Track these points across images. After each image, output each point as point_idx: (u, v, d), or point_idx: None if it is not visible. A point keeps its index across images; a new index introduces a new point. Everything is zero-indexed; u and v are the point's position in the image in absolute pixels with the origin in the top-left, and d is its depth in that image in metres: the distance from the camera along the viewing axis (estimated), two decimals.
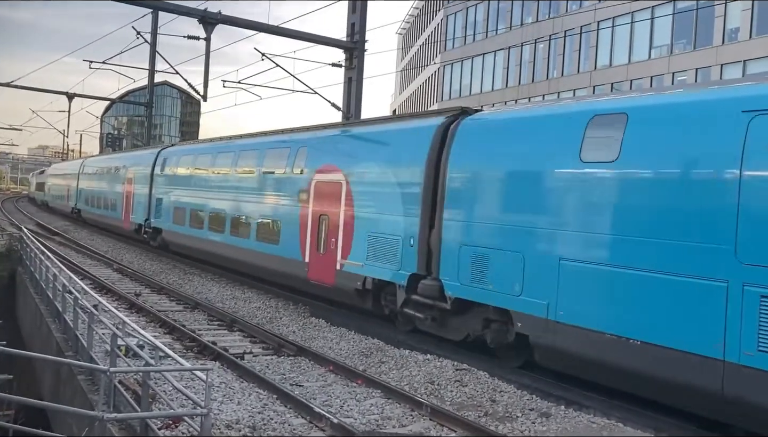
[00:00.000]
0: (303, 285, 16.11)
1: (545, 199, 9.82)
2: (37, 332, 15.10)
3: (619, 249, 8.68)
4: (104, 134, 76.81)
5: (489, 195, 11.02)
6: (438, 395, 9.63)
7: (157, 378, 8.43)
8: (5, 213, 48.15)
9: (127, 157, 34.20)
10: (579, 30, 41.98)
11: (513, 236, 10.24)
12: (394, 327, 13.53)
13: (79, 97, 43.41)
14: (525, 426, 8.42)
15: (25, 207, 63.84)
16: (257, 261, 18.06)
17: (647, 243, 8.35)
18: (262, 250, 17.67)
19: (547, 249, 9.61)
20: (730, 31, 33.62)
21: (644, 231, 8.42)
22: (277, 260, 16.85)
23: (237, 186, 20.00)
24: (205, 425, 6.47)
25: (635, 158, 8.72)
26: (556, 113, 10.56)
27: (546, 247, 9.64)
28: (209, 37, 19.56)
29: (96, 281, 18.53)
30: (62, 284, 12.74)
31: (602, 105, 9.71)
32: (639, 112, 9.00)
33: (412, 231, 12.31)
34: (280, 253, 16.70)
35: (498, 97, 49.00)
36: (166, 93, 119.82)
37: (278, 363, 11.26)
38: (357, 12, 20.61)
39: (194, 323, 14.25)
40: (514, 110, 12.97)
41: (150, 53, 39.89)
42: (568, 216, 9.45)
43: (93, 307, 9.92)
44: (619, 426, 8.26)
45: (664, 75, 36.02)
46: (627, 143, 8.80)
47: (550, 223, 9.65)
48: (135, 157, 32.29)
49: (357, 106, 20.71)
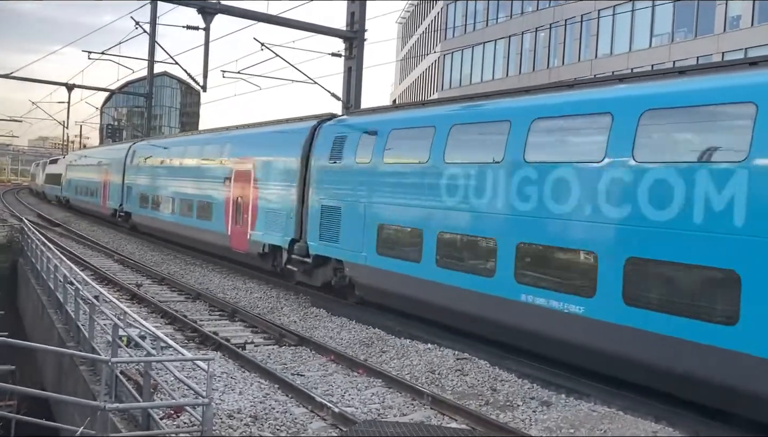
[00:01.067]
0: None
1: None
2: (38, 323, 15.13)
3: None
4: (104, 125, 76.67)
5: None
6: (439, 384, 9.65)
7: (159, 369, 8.46)
8: (6, 204, 48.15)
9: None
10: (580, 18, 41.80)
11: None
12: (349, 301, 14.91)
13: (78, 87, 43.28)
14: (526, 415, 8.45)
15: (26, 198, 63.85)
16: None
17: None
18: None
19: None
20: (732, 18, 33.46)
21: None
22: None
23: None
24: (206, 414, 6.49)
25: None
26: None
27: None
28: (208, 27, 19.47)
29: (97, 272, 18.56)
30: (63, 275, 12.76)
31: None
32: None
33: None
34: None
35: (499, 86, 48.86)
36: (166, 83, 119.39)
37: (279, 353, 11.29)
38: (356, 1, 20.52)
39: (195, 313, 14.28)
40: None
41: (149, 43, 39.74)
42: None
43: (94, 298, 9.93)
44: (619, 414, 8.28)
45: (665, 63, 35.88)
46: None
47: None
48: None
49: (357, 95, 20.64)
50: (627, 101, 9.10)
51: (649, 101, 8.78)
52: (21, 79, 39.68)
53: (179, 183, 24.90)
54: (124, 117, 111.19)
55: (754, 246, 7.37)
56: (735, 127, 8.04)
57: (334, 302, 15.24)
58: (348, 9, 20.81)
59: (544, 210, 9.75)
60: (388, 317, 13.58)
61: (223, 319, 14.00)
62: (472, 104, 12.36)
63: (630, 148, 8.71)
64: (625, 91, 9.47)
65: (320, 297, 15.74)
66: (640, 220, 8.46)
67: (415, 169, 12.56)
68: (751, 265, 7.40)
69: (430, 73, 61.42)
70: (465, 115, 12.01)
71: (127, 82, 69.52)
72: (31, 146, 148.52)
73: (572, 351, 9.40)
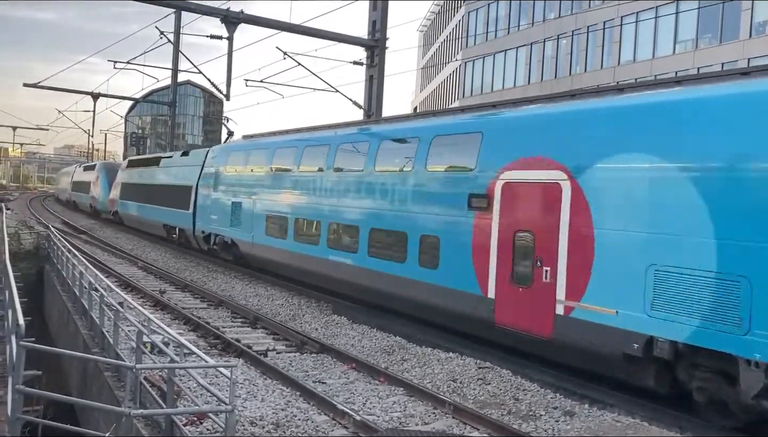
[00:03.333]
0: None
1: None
2: (64, 329, 15.32)
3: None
4: (128, 134, 77.58)
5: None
6: (461, 393, 9.61)
7: (182, 375, 8.51)
8: (33, 211, 48.89)
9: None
10: (602, 25, 41.55)
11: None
12: (415, 326, 13.64)
13: (103, 96, 43.95)
14: (549, 425, 8.37)
15: (52, 206, 64.75)
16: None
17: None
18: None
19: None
20: (758, 24, 33.06)
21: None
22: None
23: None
24: (229, 421, 6.52)
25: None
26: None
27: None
28: (231, 36, 19.69)
29: (121, 279, 18.77)
30: (88, 282, 12.91)
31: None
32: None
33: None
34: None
35: (520, 93, 48.64)
36: (189, 92, 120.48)
37: (301, 360, 11.31)
38: (378, 10, 20.61)
39: (218, 320, 14.37)
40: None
41: (173, 53, 40.23)
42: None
43: (118, 305, 10.04)
44: (644, 425, 8.17)
45: (689, 70, 35.52)
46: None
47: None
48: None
49: (378, 103, 20.72)
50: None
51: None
52: (48, 88, 40.41)
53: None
54: (148, 125, 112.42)
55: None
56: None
57: (355, 310, 15.26)
58: (369, 17, 20.90)
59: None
60: (409, 325, 13.56)
61: (246, 326, 14.07)
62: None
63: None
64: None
65: (341, 305, 15.77)
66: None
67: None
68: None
69: (451, 81, 61.40)
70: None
71: (151, 91, 70.26)
72: (57, 154, 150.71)
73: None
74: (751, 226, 7.57)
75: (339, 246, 15.58)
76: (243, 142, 23.65)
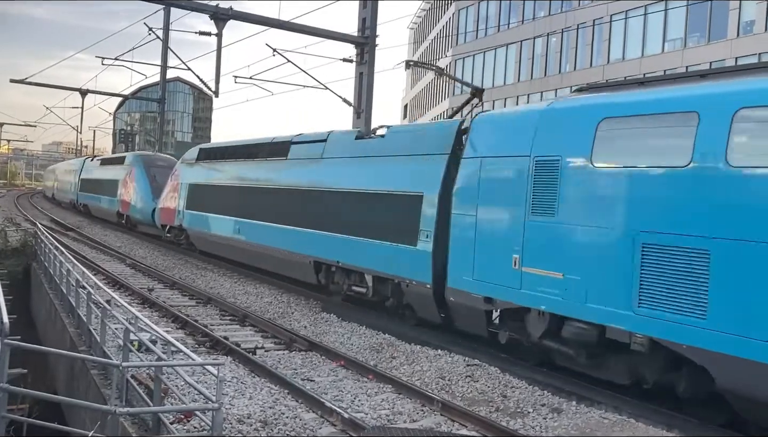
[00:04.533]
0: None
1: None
2: (51, 327, 15.23)
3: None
4: (117, 130, 77.24)
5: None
6: (449, 390, 9.62)
7: (169, 373, 8.48)
8: (20, 209, 48.54)
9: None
10: (592, 23, 41.68)
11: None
12: (401, 321, 13.61)
13: (92, 93, 43.59)
14: (536, 422, 8.40)
15: (39, 203, 64.31)
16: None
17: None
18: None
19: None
20: (745, 23, 33.25)
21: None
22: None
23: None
24: (216, 419, 6.50)
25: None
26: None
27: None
28: (221, 32, 19.59)
29: (109, 276, 18.66)
30: (75, 279, 12.84)
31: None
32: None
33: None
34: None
35: (510, 91, 48.78)
36: (179, 89, 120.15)
37: (290, 358, 11.29)
38: (368, 7, 20.57)
39: (206, 318, 14.32)
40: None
41: (162, 49, 40.02)
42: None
43: (106, 302, 9.98)
44: (630, 422, 8.21)
45: (678, 68, 35.70)
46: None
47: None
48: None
49: (368, 101, 20.68)
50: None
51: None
52: (35, 84, 40.01)
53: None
54: (137, 122, 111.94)
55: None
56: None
57: (344, 307, 15.25)
58: (359, 15, 20.86)
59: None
60: (398, 323, 13.56)
61: (234, 324, 14.03)
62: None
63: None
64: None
65: (331, 303, 15.76)
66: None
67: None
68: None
69: (441, 79, 61.37)
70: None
71: (140, 88, 70.01)
72: (45, 151, 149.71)
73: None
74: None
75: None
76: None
